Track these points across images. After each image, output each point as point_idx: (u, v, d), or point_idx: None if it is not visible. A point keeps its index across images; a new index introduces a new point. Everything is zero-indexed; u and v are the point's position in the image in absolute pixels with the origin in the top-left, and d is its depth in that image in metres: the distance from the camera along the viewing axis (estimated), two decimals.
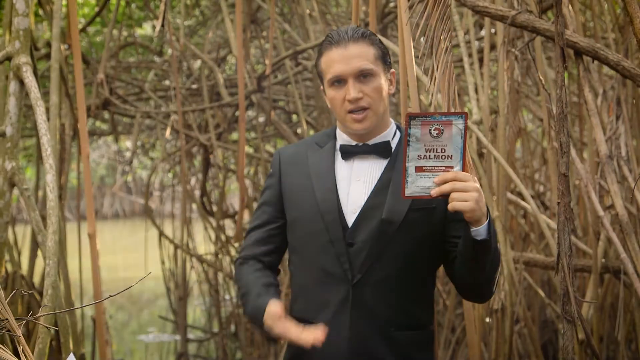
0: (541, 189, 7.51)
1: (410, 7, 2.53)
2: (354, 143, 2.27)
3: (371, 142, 2.26)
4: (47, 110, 3.32)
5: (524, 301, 4.40)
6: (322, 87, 2.30)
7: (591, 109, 2.76)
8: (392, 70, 2.28)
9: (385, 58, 2.23)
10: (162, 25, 3.00)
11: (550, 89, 4.15)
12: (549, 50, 6.38)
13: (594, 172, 3.62)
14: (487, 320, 4.53)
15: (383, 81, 2.20)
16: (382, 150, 2.25)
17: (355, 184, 2.24)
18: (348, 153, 2.27)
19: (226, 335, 7.66)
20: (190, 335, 8.52)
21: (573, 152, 3.26)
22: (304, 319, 2.25)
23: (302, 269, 2.29)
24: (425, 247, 2.22)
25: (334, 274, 2.20)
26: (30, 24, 2.89)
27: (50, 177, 2.33)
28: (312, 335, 2.04)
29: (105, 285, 11.63)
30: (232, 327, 8.09)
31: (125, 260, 16.26)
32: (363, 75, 2.16)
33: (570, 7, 3.35)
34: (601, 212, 3.11)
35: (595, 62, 3.63)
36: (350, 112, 2.18)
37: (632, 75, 2.50)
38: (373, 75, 2.17)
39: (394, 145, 2.28)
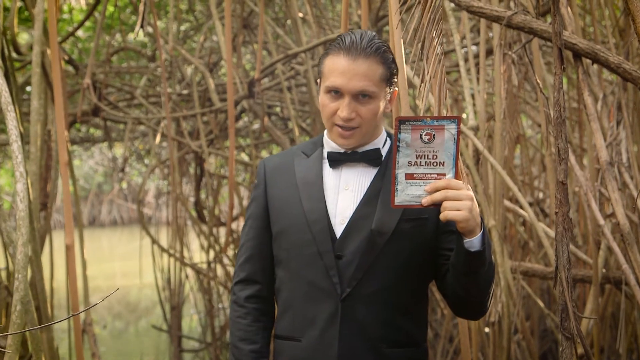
0: (540, 195, 7.41)
1: (403, 11, 2.42)
2: (342, 150, 2.16)
3: (360, 149, 2.15)
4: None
5: (522, 312, 4.29)
6: (317, 81, 2.19)
7: (591, 114, 2.65)
8: (395, 89, 2.16)
9: (390, 79, 2.10)
10: (142, 27, 2.89)
11: (548, 93, 4.05)
12: (548, 56, 6.29)
13: (594, 179, 3.52)
14: (486, 330, 4.42)
15: (381, 102, 2.09)
16: (371, 158, 2.15)
17: (344, 193, 2.14)
18: (336, 161, 2.16)
19: (220, 346, 7.53)
20: (185, 345, 8.41)
21: (572, 158, 3.16)
22: (291, 337, 2.15)
23: (288, 284, 2.18)
24: (417, 259, 2.11)
25: (323, 288, 2.10)
26: (2, 25, 2.76)
27: (20, 186, 2.21)
28: None
29: (102, 293, 11.59)
30: (227, 337, 7.97)
31: (123, 267, 16.20)
32: (362, 95, 2.05)
33: (569, 9, 3.25)
34: (601, 221, 3.01)
35: (595, 66, 3.53)
36: (338, 126, 2.08)
37: (634, 78, 2.38)
38: (372, 97, 2.06)
39: (384, 153, 2.18)
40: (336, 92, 2.06)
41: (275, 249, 2.21)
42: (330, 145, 2.19)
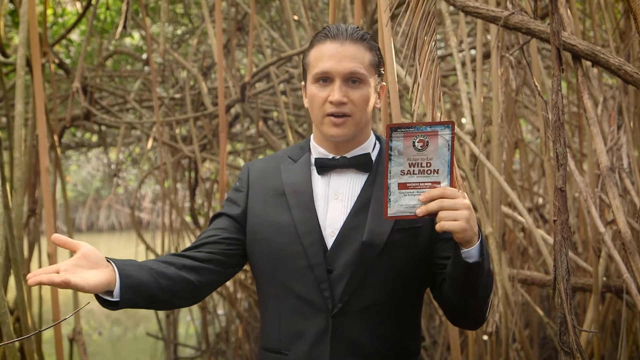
0: (540, 201, 7.32)
1: (393, 18, 2.33)
2: (330, 156, 2.06)
3: (349, 154, 2.05)
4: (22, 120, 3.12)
5: (520, 320, 4.20)
6: (302, 83, 2.09)
7: (591, 118, 2.55)
8: (384, 84, 2.08)
9: (379, 68, 2.03)
10: (125, 27, 2.80)
11: (547, 97, 3.96)
12: (547, 60, 6.20)
13: (594, 185, 3.42)
14: (485, 337, 4.33)
15: (372, 91, 2.00)
16: (361, 163, 2.04)
17: (333, 202, 2.03)
18: (324, 167, 2.05)
19: (215, 353, 7.44)
20: (181, 353, 8.33)
21: (572, 163, 3.06)
22: (276, 350, 2.05)
23: (274, 297, 2.06)
24: (412, 270, 2.01)
25: (313, 302, 1.99)
26: None
27: None
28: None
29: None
30: (223, 345, 7.88)
31: None
32: (352, 80, 1.96)
33: (568, 11, 3.16)
34: (602, 228, 2.92)
35: (595, 70, 3.44)
36: (330, 115, 1.97)
37: (635, 80, 2.29)
38: (363, 82, 1.97)
39: (373, 157, 2.07)
40: (325, 80, 1.98)
41: (258, 261, 2.08)
42: (317, 151, 2.09)
